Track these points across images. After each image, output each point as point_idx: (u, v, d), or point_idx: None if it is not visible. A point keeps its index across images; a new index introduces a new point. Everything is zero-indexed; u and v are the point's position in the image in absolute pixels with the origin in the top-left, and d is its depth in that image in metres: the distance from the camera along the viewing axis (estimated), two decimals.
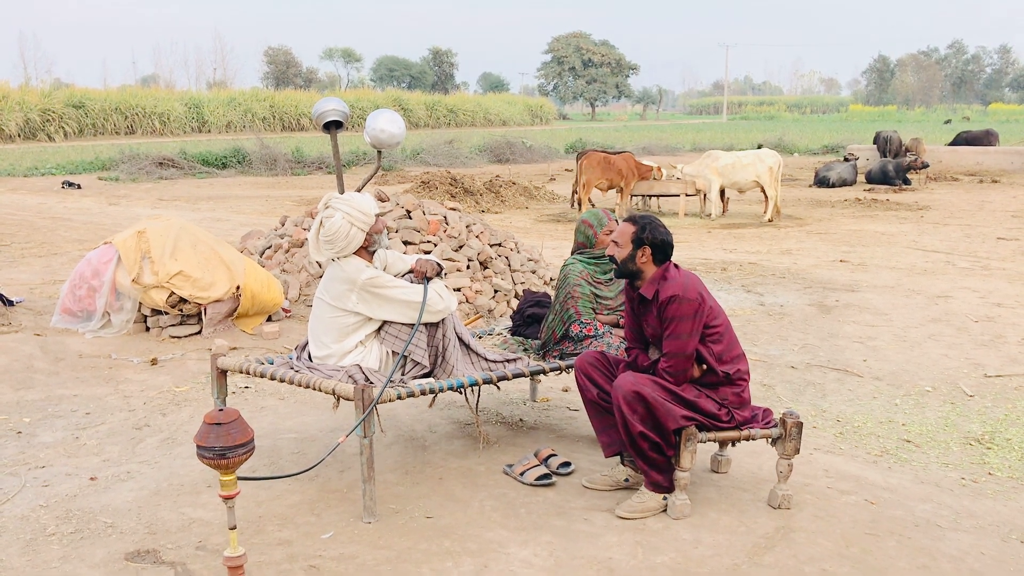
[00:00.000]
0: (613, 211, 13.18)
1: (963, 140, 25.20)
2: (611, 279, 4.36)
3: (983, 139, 25.32)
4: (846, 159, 20.54)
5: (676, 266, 3.67)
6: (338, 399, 3.72)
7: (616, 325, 4.31)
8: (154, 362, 5.85)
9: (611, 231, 4.35)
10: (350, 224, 3.87)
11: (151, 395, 5.26)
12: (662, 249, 3.61)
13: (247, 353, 6.00)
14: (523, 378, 4.30)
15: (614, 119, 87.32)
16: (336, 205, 3.91)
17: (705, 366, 3.60)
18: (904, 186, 19.21)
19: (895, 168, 19.52)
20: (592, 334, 4.23)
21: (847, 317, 7.32)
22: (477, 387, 4.07)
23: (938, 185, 19.91)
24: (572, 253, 4.49)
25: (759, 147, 19.03)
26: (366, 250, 4.01)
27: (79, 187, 18.71)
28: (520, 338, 4.77)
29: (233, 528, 2.97)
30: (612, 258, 3.70)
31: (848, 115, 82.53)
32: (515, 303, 7.35)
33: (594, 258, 4.38)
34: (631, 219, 3.69)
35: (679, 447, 3.58)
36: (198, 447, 2.83)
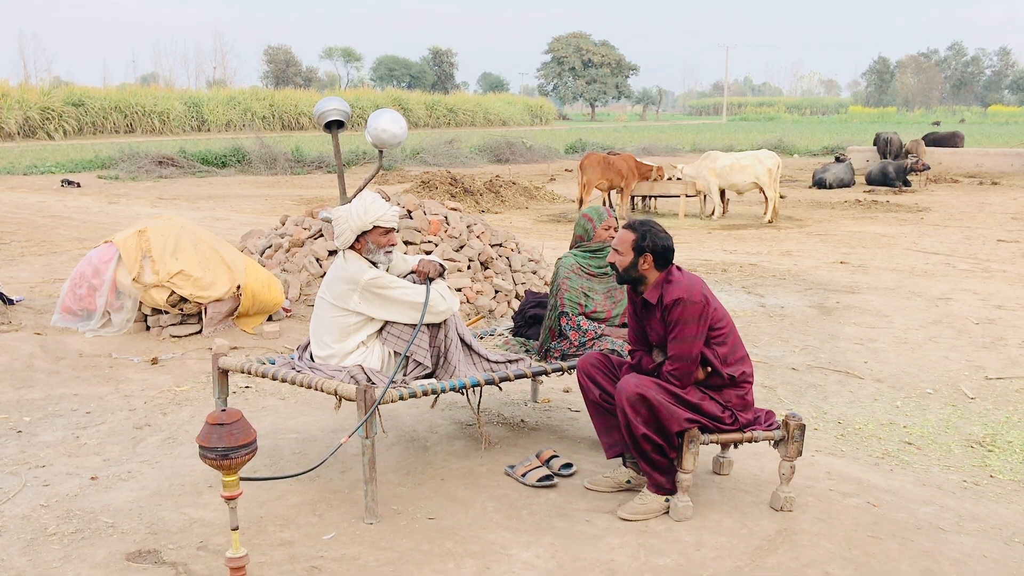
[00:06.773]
0: (614, 209, 13.21)
1: (931, 142, 25.28)
2: (604, 273, 4.36)
3: (949, 141, 25.59)
4: (838, 159, 20.54)
5: (679, 268, 3.66)
6: (340, 399, 3.72)
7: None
8: (154, 361, 5.84)
9: (610, 227, 4.36)
10: (346, 218, 3.88)
11: (152, 394, 5.25)
12: (663, 255, 3.58)
13: (247, 353, 5.99)
14: (525, 379, 4.30)
15: (614, 120, 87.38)
16: (355, 199, 3.96)
17: (710, 368, 3.60)
18: (904, 188, 19.22)
19: (895, 170, 19.54)
20: (577, 327, 4.22)
21: (848, 319, 7.32)
22: (479, 388, 4.06)
23: (938, 187, 19.93)
24: (571, 247, 4.50)
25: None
26: (363, 256, 3.96)
27: (78, 185, 18.71)
28: (522, 339, 4.77)
29: (235, 529, 2.96)
30: (613, 265, 3.66)
31: (848, 116, 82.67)
32: (516, 304, 7.34)
33: (590, 252, 4.39)
34: (630, 226, 3.63)
35: (682, 449, 3.57)
36: (201, 447, 2.82)
